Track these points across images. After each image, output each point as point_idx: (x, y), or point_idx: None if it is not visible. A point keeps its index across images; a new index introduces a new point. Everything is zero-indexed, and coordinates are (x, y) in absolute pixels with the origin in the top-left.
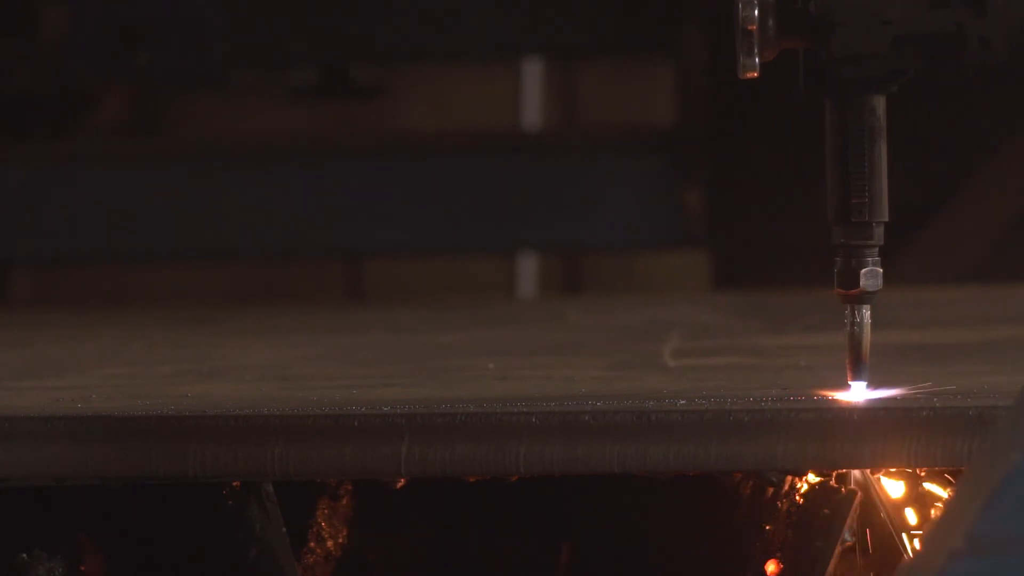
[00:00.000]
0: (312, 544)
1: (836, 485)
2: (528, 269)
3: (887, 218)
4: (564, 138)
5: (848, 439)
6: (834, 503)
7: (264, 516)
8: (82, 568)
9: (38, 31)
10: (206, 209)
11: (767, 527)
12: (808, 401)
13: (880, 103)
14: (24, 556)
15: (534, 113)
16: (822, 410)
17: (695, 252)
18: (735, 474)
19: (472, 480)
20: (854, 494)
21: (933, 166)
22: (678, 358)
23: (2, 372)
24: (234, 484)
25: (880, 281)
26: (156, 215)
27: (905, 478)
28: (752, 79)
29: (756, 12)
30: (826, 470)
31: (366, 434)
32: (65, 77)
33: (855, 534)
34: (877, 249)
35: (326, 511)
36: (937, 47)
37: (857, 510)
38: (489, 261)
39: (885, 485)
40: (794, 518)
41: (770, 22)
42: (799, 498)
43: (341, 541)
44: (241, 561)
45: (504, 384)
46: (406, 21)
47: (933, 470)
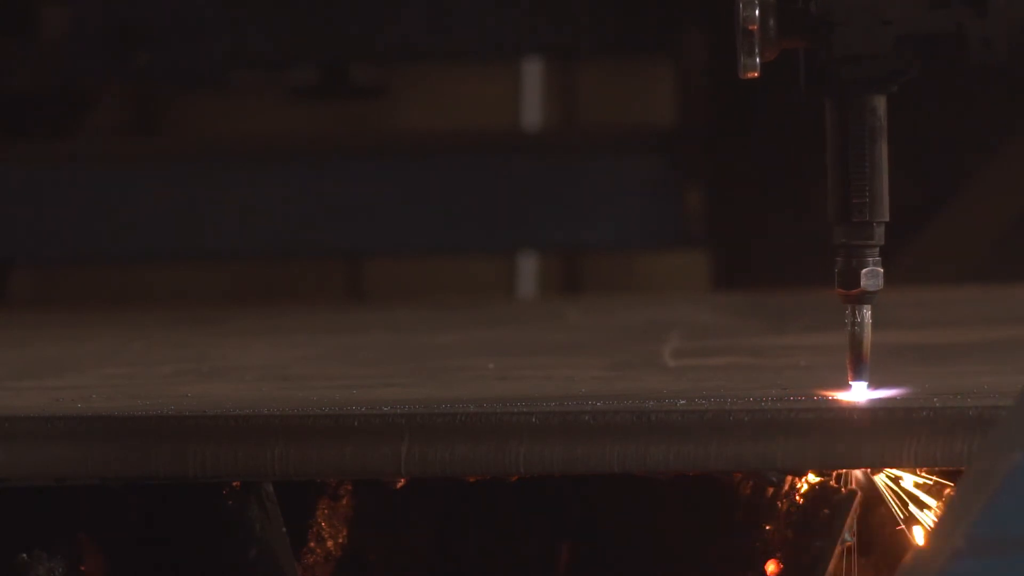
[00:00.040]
0: (312, 544)
1: (836, 485)
2: (528, 269)
3: (888, 218)
4: (564, 138)
5: (848, 439)
6: (834, 503)
7: (264, 516)
8: (82, 568)
9: (38, 31)
10: (206, 209)
11: (767, 527)
12: (808, 401)
13: (881, 103)
14: (24, 556)
15: (534, 113)
16: (822, 410)
17: (695, 252)
18: (735, 474)
19: (472, 480)
20: (854, 494)
21: (933, 166)
22: (678, 358)
23: (2, 372)
24: (234, 484)
25: (881, 281)
26: (156, 215)
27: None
28: (752, 79)
29: (757, 12)
30: (826, 470)
31: (366, 434)
32: (65, 77)
33: (855, 534)
34: (878, 249)
35: (326, 511)
36: (938, 47)
37: (857, 510)
38: (489, 261)
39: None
40: (794, 518)
41: (771, 22)
42: (799, 498)
43: (341, 541)
44: (241, 561)
45: (504, 384)
46: (406, 21)
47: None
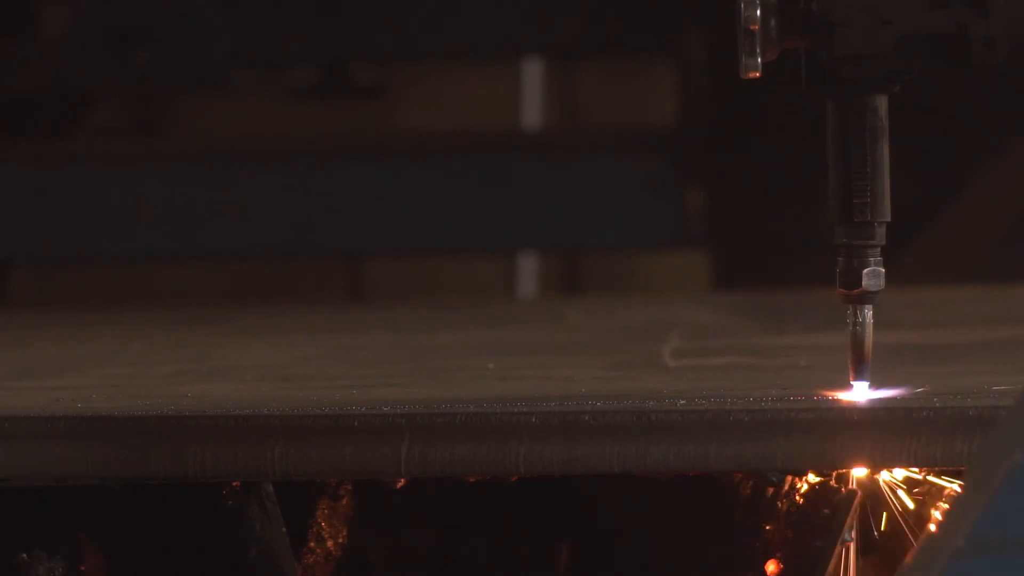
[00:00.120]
0: (312, 544)
1: (836, 485)
2: (528, 269)
3: (889, 218)
4: (564, 138)
5: (848, 439)
6: (834, 503)
7: (264, 516)
8: (82, 568)
9: (38, 31)
10: (206, 209)
11: (767, 527)
12: (808, 401)
13: (882, 103)
14: (24, 556)
15: (534, 113)
16: (822, 410)
17: (695, 252)
18: (735, 474)
19: (472, 480)
20: (854, 494)
21: (934, 166)
22: (678, 358)
23: (2, 372)
24: (234, 484)
25: (882, 281)
26: (156, 215)
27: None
28: (753, 79)
29: (758, 12)
30: (826, 470)
31: (366, 434)
32: (65, 77)
33: (855, 534)
34: (879, 249)
35: (326, 511)
36: (938, 47)
37: (857, 510)
38: (489, 261)
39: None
40: (794, 518)
41: (772, 22)
42: (799, 498)
43: (341, 541)
44: (241, 561)
45: (504, 384)
46: (406, 21)
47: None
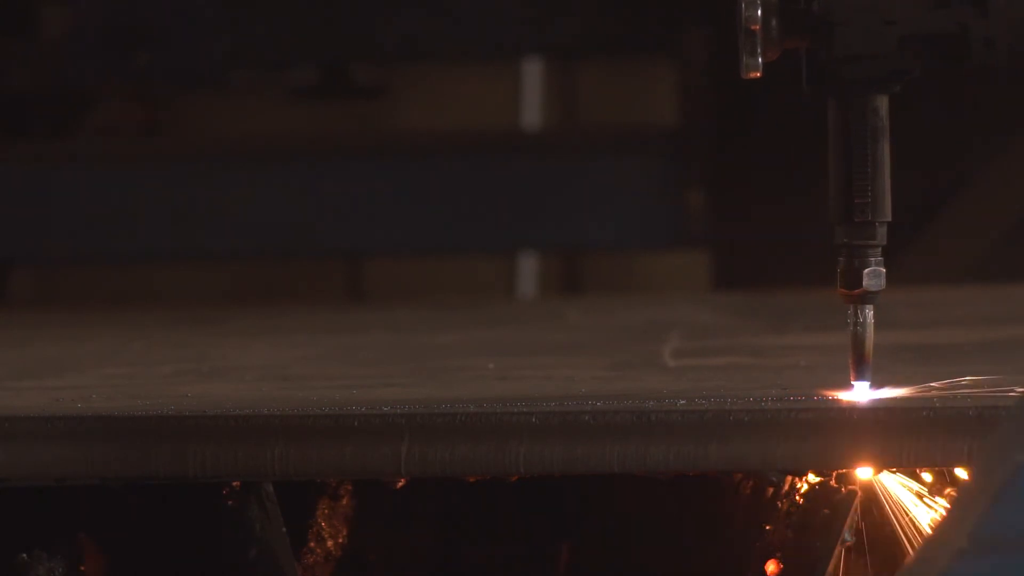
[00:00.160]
0: (312, 544)
1: (836, 485)
2: (528, 269)
3: (890, 218)
4: (564, 138)
5: (848, 439)
6: (834, 503)
7: (264, 516)
8: (82, 568)
9: (38, 31)
10: (206, 209)
11: (767, 527)
12: (808, 401)
13: (883, 103)
14: (24, 556)
15: (534, 113)
16: (822, 410)
17: (695, 252)
18: (735, 474)
19: (472, 480)
20: (854, 494)
21: (935, 166)
22: (678, 358)
23: (2, 372)
24: (234, 484)
25: (883, 281)
26: (156, 215)
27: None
28: (753, 79)
29: (759, 12)
30: (826, 470)
31: (366, 434)
32: (65, 77)
33: (855, 534)
34: (880, 249)
35: (326, 511)
36: (939, 47)
37: (857, 510)
38: (489, 261)
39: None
40: (794, 518)
41: (773, 22)
42: (799, 498)
43: (341, 541)
44: (241, 561)
45: (504, 384)
46: (406, 21)
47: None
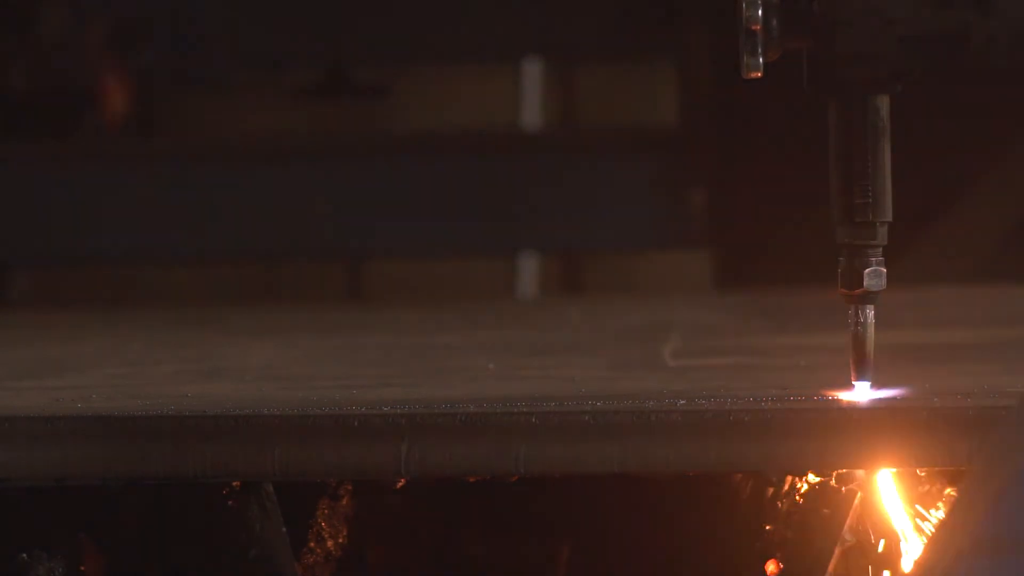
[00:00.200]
0: (312, 544)
1: (836, 485)
2: (528, 269)
3: (891, 218)
4: (564, 138)
5: (848, 439)
6: (834, 503)
7: (264, 516)
8: (82, 568)
9: (38, 31)
10: (206, 209)
11: (767, 527)
12: (808, 401)
13: (884, 103)
14: (24, 556)
15: (534, 113)
16: (822, 410)
17: (695, 252)
18: (735, 474)
19: (472, 480)
20: (854, 494)
21: (935, 166)
22: (678, 358)
23: (2, 372)
24: (234, 484)
25: (884, 281)
26: (156, 215)
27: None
28: (754, 79)
29: (760, 12)
30: (826, 470)
31: (366, 434)
32: (65, 77)
33: (855, 534)
34: (881, 249)
35: (326, 511)
36: (941, 47)
37: (857, 510)
38: (489, 261)
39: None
40: (794, 518)
41: (774, 22)
42: (799, 498)
43: (341, 541)
44: (241, 561)
45: (504, 384)
46: (406, 21)
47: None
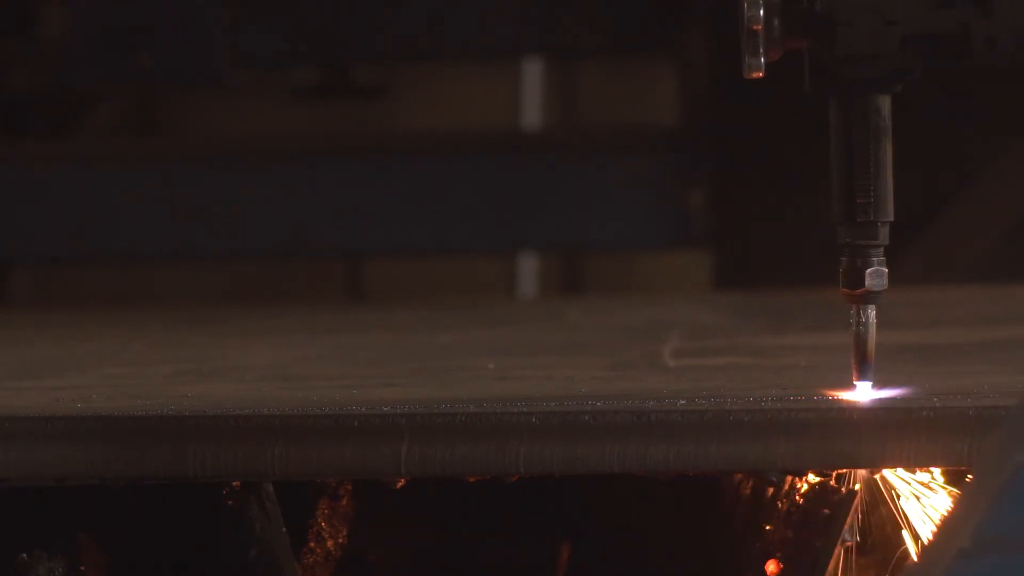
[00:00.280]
0: (312, 544)
1: (836, 485)
2: (528, 269)
3: (892, 218)
4: (564, 138)
5: (848, 439)
6: (834, 503)
7: (264, 516)
8: (82, 568)
9: (38, 31)
10: (206, 209)
11: (767, 527)
12: (808, 401)
13: (885, 103)
14: (24, 556)
15: (534, 113)
16: (822, 410)
17: (695, 252)
18: (735, 474)
19: (472, 480)
20: (854, 494)
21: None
22: (678, 358)
23: (2, 372)
24: (234, 484)
25: (885, 281)
26: (156, 215)
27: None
28: (754, 79)
29: (761, 12)
30: (826, 470)
31: (366, 434)
32: (65, 77)
33: (855, 534)
34: (882, 249)
35: (326, 511)
36: (942, 47)
37: (857, 510)
38: (489, 261)
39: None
40: (794, 518)
41: (775, 22)
42: (799, 498)
43: (341, 541)
44: (241, 561)
45: (504, 384)
46: (406, 21)
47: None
